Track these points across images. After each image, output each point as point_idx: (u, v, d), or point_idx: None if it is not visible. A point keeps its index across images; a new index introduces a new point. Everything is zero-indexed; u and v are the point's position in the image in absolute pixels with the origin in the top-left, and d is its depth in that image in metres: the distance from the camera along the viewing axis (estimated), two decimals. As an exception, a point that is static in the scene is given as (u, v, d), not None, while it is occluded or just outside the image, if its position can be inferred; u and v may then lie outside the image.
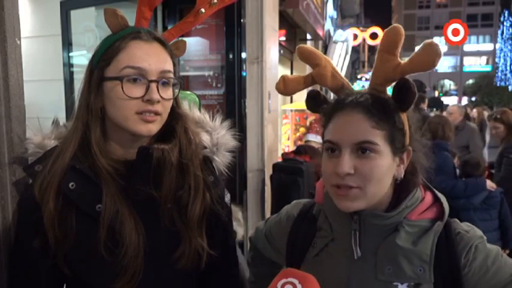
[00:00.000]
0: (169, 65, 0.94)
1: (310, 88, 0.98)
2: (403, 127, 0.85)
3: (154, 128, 0.92)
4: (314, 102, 0.93)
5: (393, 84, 0.85)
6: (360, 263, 0.87)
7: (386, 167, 0.83)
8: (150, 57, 0.90)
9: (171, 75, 0.93)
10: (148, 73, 0.89)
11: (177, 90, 0.96)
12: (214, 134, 1.06)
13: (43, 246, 0.89)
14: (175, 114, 0.98)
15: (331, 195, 0.87)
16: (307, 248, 0.96)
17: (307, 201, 1.07)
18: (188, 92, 2.13)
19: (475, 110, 9.27)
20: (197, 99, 2.02)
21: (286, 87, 0.97)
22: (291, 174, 2.94)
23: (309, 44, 5.76)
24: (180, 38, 1.09)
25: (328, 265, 0.91)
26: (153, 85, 0.89)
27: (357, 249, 0.86)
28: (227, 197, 1.08)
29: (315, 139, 3.34)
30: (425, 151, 0.91)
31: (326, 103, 0.92)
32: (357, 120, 0.82)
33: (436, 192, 0.92)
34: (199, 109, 1.12)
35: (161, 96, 0.90)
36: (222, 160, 1.06)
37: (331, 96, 0.98)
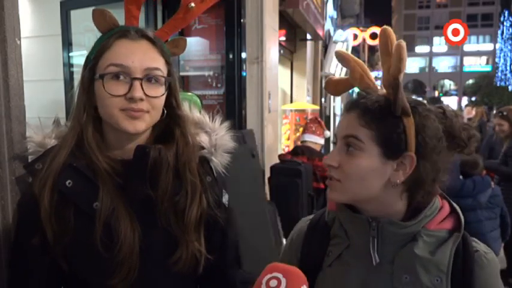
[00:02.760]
0: (157, 63, 0.92)
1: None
2: (403, 131, 0.83)
3: (141, 124, 0.90)
4: None
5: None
6: (376, 271, 0.87)
7: (369, 167, 0.83)
8: (134, 55, 0.89)
9: (159, 72, 0.92)
10: (131, 70, 0.88)
11: (165, 89, 0.94)
12: (213, 135, 1.06)
13: (42, 244, 0.89)
14: (175, 116, 0.98)
15: None
16: (323, 258, 0.95)
17: (314, 214, 1.06)
18: (190, 94, 2.13)
19: (474, 109, 9.26)
20: (198, 100, 2.02)
21: (335, 89, 1.01)
22: (289, 176, 2.93)
23: (308, 44, 5.71)
24: (180, 37, 1.08)
25: (343, 273, 0.90)
26: (136, 83, 0.88)
27: (375, 255, 0.86)
28: (225, 197, 1.07)
29: (311, 139, 3.33)
30: (438, 162, 0.85)
31: None
32: (350, 117, 0.86)
33: (452, 202, 0.92)
34: (200, 111, 1.12)
35: (146, 94, 0.89)
36: (220, 161, 1.05)
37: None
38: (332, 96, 10.79)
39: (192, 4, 1.05)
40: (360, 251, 0.89)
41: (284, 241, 2.47)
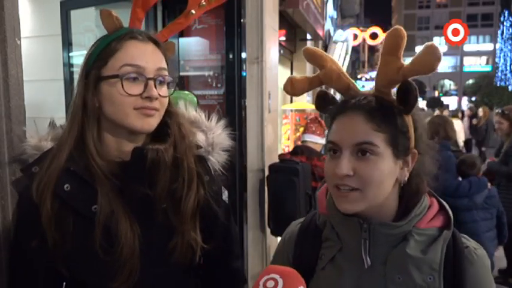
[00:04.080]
0: (164, 64, 0.96)
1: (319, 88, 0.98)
2: (407, 130, 0.84)
3: (154, 122, 0.94)
4: (323, 101, 0.94)
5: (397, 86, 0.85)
6: (369, 272, 0.87)
7: (387, 170, 0.82)
8: (147, 56, 0.92)
9: (166, 73, 0.95)
10: (146, 71, 0.91)
11: (172, 89, 0.98)
12: (210, 134, 1.07)
13: (41, 247, 0.89)
14: (167, 112, 1.00)
15: (333, 196, 0.87)
16: (316, 261, 0.94)
17: (304, 217, 1.05)
18: (186, 92, 2.14)
19: (480, 110, 9.29)
20: (195, 99, 2.03)
21: (293, 88, 0.96)
22: (287, 174, 2.93)
23: (309, 44, 5.71)
24: (170, 40, 1.11)
25: (337, 276, 0.90)
26: (151, 82, 0.91)
27: (366, 258, 0.86)
28: (225, 195, 1.09)
29: (311, 139, 3.33)
30: (433, 154, 0.90)
31: (334, 103, 0.92)
32: (357, 122, 0.83)
33: (440, 199, 0.92)
34: (196, 109, 1.13)
35: (158, 94, 0.92)
36: (217, 159, 1.06)
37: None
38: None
39: (193, 11, 1.08)
40: (352, 253, 0.88)
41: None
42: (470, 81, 45.52)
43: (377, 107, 0.83)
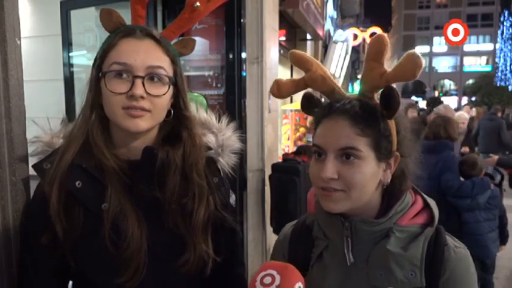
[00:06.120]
0: (161, 62, 0.92)
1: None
2: (390, 133, 0.86)
3: (142, 124, 0.90)
4: (308, 103, 0.95)
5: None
6: (352, 269, 0.88)
7: (370, 173, 0.84)
8: (138, 53, 0.89)
9: (162, 71, 0.91)
10: (133, 68, 0.88)
11: (170, 88, 0.93)
12: (220, 136, 1.06)
13: (52, 241, 0.91)
14: (182, 117, 0.98)
15: (318, 197, 0.90)
16: (309, 260, 0.96)
17: (298, 219, 1.07)
18: (196, 94, 2.13)
19: (474, 109, 9.30)
20: (204, 101, 2.03)
21: (279, 91, 0.98)
22: (288, 174, 2.95)
23: (308, 44, 5.71)
24: (188, 37, 1.09)
25: (323, 274, 0.91)
26: (138, 80, 0.88)
27: (349, 255, 0.87)
28: (232, 198, 1.08)
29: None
30: (415, 156, 0.92)
31: (319, 105, 0.93)
32: (342, 126, 0.84)
33: (426, 197, 0.93)
34: (206, 111, 1.12)
35: (147, 92, 0.88)
36: (227, 161, 1.06)
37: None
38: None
39: (198, 4, 1.04)
40: (337, 251, 0.90)
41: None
42: (470, 81, 45.53)
43: (361, 111, 0.84)
